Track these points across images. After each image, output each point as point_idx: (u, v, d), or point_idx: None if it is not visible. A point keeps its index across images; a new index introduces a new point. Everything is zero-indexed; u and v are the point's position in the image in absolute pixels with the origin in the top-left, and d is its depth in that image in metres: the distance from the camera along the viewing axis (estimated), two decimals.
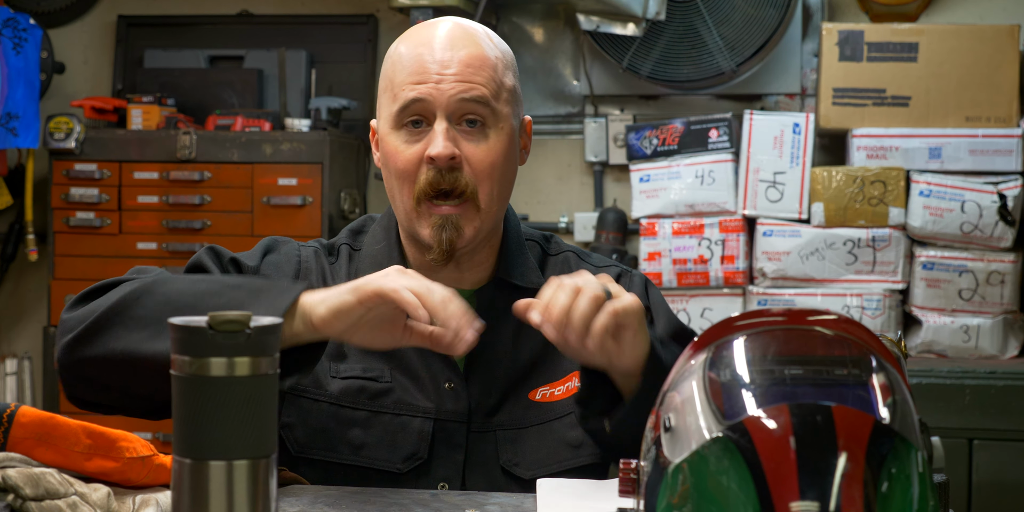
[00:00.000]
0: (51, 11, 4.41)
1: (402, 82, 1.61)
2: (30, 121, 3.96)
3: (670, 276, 3.64)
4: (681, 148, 3.72)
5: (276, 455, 1.06)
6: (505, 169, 1.65)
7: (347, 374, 1.65)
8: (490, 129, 1.62)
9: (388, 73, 1.65)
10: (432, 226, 1.61)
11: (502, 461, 1.65)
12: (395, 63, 1.64)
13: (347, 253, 1.75)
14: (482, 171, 1.61)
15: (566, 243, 1.82)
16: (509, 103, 1.65)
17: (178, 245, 3.87)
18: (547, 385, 1.68)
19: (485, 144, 1.62)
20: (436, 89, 1.59)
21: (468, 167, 1.61)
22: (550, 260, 1.78)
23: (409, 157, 1.61)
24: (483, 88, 1.60)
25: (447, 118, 1.60)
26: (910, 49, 3.58)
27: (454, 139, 1.60)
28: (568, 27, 4.14)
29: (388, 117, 1.63)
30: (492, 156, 1.62)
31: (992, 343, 3.48)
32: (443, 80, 1.59)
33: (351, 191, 3.97)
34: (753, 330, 1.04)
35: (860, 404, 0.94)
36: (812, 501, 0.87)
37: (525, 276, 1.71)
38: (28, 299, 4.45)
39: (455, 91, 1.59)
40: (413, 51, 1.62)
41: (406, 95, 1.60)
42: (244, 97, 4.14)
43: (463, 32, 1.65)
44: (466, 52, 1.62)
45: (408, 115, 1.61)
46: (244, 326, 1.02)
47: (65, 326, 1.49)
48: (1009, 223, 3.43)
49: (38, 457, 1.21)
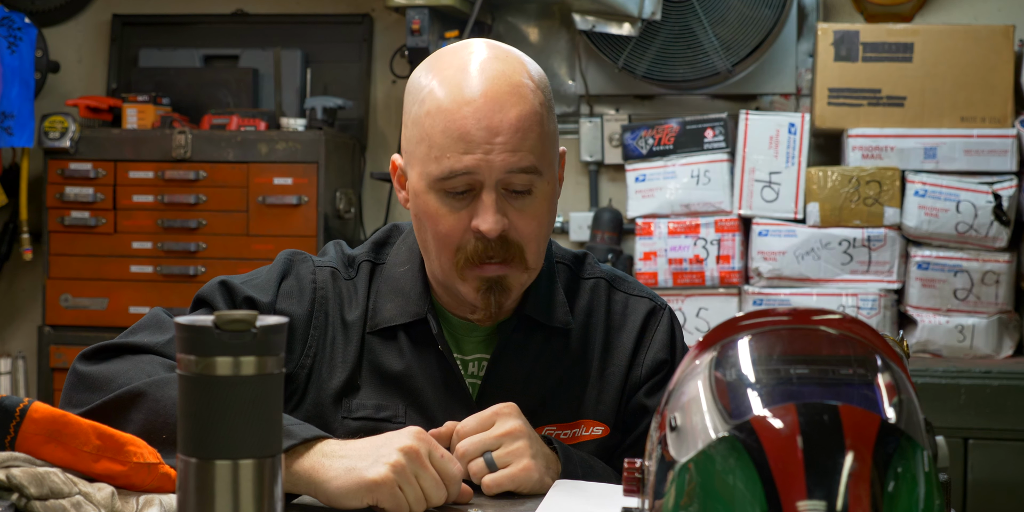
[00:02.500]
0: (46, 10, 4.41)
1: (445, 146, 1.50)
2: (25, 120, 3.95)
3: (666, 276, 3.65)
4: (677, 148, 3.72)
5: (282, 455, 1.06)
6: (549, 222, 1.58)
7: (360, 414, 1.62)
8: (536, 190, 1.54)
9: (424, 124, 1.52)
10: (478, 289, 1.55)
11: None
12: (433, 116, 1.51)
13: (368, 269, 1.68)
14: (529, 235, 1.54)
15: (601, 265, 1.75)
16: (552, 154, 1.57)
17: (173, 245, 3.87)
18: (554, 425, 1.65)
19: (532, 208, 1.54)
20: (485, 161, 1.49)
21: (515, 233, 1.53)
22: (581, 285, 1.71)
23: (453, 224, 1.52)
24: (531, 156, 1.51)
25: (495, 188, 1.51)
26: (905, 49, 3.59)
27: (503, 210, 1.52)
28: (563, 27, 4.14)
29: (426, 175, 1.53)
30: (539, 218, 1.55)
31: (987, 343, 3.49)
32: (492, 150, 1.49)
33: (346, 190, 3.97)
34: (758, 330, 1.04)
35: (866, 403, 0.95)
36: (819, 500, 0.87)
37: (552, 315, 1.66)
38: (23, 298, 4.44)
39: (505, 164, 1.49)
40: (456, 110, 1.49)
41: (452, 165, 1.49)
42: (239, 96, 4.14)
43: (508, 83, 1.51)
44: (515, 112, 1.50)
45: (453, 185, 1.51)
46: (250, 325, 1.02)
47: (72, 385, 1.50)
48: (1004, 223, 3.44)
49: (47, 454, 1.21)
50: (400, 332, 1.64)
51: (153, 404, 1.43)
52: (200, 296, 1.62)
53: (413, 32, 3.77)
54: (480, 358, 1.66)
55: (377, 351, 1.64)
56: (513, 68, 1.54)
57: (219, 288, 1.61)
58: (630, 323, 1.70)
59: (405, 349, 1.63)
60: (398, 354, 1.63)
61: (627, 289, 1.73)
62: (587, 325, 1.68)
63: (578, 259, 1.74)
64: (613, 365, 1.68)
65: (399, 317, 1.63)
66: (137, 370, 1.49)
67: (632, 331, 1.69)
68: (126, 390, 1.45)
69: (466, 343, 1.66)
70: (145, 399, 1.44)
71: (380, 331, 1.64)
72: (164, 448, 1.35)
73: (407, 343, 1.64)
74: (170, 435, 1.38)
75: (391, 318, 1.63)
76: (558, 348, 1.66)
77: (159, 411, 1.42)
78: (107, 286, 3.92)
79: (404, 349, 1.63)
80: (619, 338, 1.69)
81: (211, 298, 1.61)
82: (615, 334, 1.69)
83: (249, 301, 1.61)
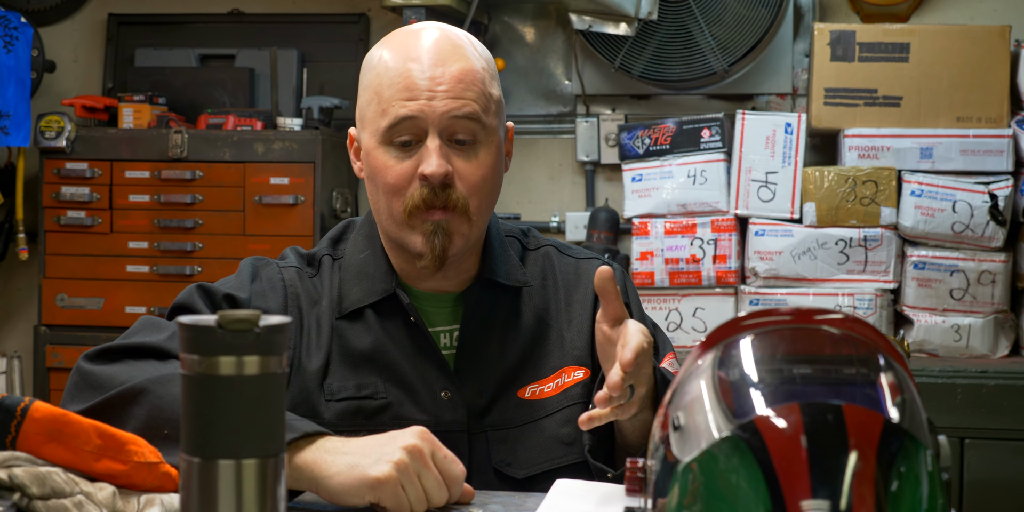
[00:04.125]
0: (42, 9, 4.40)
1: (391, 97, 1.59)
2: (21, 120, 3.95)
3: (662, 276, 3.65)
4: (673, 148, 3.73)
5: (285, 454, 1.06)
6: (494, 181, 1.66)
7: (342, 395, 1.65)
8: (480, 144, 1.62)
9: (373, 85, 1.63)
10: (424, 233, 1.61)
11: (495, 461, 1.65)
12: (381, 75, 1.62)
13: (329, 263, 1.73)
14: (473, 185, 1.61)
15: (544, 237, 1.84)
16: (497, 115, 1.66)
17: (169, 244, 3.86)
18: (536, 383, 1.69)
19: (476, 160, 1.62)
20: (428, 106, 1.58)
21: (460, 183, 1.61)
22: (530, 255, 1.79)
23: (400, 173, 1.60)
24: (474, 104, 1.60)
25: (439, 135, 1.59)
26: (901, 49, 3.59)
27: (446, 156, 1.60)
28: (560, 26, 4.14)
29: (375, 131, 1.62)
30: (483, 171, 1.63)
31: (983, 342, 3.49)
32: (435, 96, 1.58)
33: (343, 190, 3.97)
34: (761, 329, 1.05)
35: (869, 403, 0.95)
36: (824, 500, 0.87)
37: (510, 275, 1.72)
38: (18, 298, 4.43)
39: (447, 108, 1.59)
40: (402, 65, 1.60)
41: (397, 112, 1.59)
42: (235, 96, 4.13)
43: (451, 45, 1.63)
44: (457, 67, 1.60)
45: (399, 132, 1.60)
46: (253, 325, 1.02)
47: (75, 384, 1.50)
48: (1000, 223, 3.44)
49: (47, 454, 1.21)
50: (368, 311, 1.68)
51: (155, 400, 1.44)
52: (178, 303, 1.64)
53: None
54: (450, 329, 1.70)
55: (346, 334, 1.67)
56: (457, 36, 1.66)
57: (196, 291, 1.64)
58: (584, 280, 1.77)
59: (374, 327, 1.67)
60: (366, 332, 1.67)
61: (575, 254, 1.82)
62: (544, 286, 1.75)
63: (524, 232, 1.83)
64: (577, 313, 1.74)
65: (367, 298, 1.68)
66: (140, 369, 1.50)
67: (588, 285, 1.76)
68: (128, 387, 1.46)
69: (434, 316, 1.71)
70: (147, 395, 1.44)
71: (348, 315, 1.68)
72: (165, 444, 1.36)
73: (375, 321, 1.68)
74: (172, 431, 1.39)
75: (359, 300, 1.68)
76: (522, 309, 1.72)
77: (161, 407, 1.43)
78: (103, 286, 3.91)
79: (373, 327, 1.67)
80: (576, 293, 1.76)
81: (190, 302, 1.63)
82: (572, 291, 1.76)
83: (229, 298, 1.64)
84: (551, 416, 1.68)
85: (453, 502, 1.42)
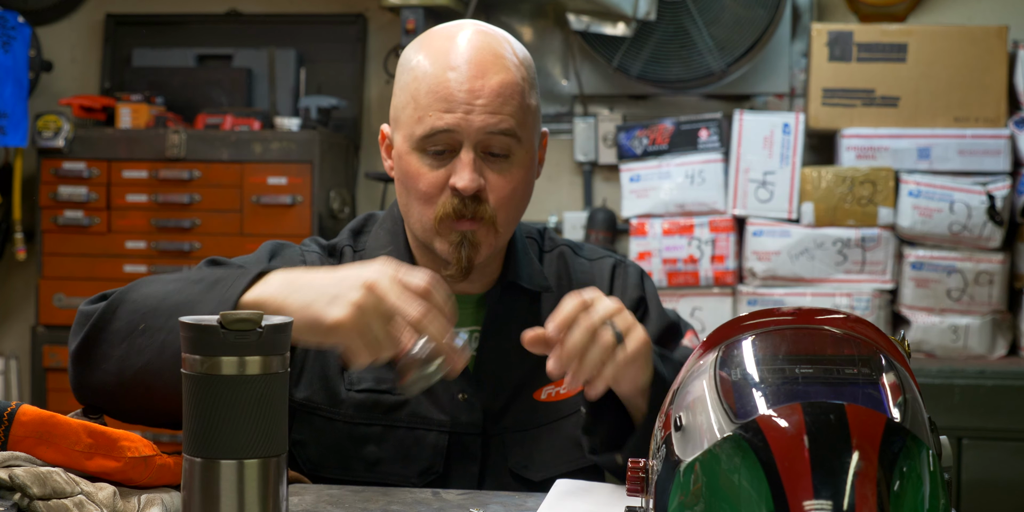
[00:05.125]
0: (39, 9, 4.40)
1: (428, 106, 1.56)
2: (18, 119, 3.95)
3: (660, 276, 3.65)
4: (671, 148, 3.73)
5: (287, 454, 1.06)
6: (525, 192, 1.64)
7: (361, 387, 1.63)
8: (514, 156, 1.60)
9: (410, 88, 1.59)
10: (451, 243, 1.59)
11: (511, 464, 1.64)
12: (419, 80, 1.58)
13: (350, 255, 1.71)
14: (504, 198, 1.59)
15: (559, 237, 1.83)
16: (533, 126, 1.62)
17: (167, 244, 3.86)
18: (552, 384, 1.67)
19: (509, 173, 1.59)
20: (465, 120, 1.55)
21: (491, 195, 1.58)
22: (546, 257, 1.78)
23: (432, 181, 1.58)
24: (511, 119, 1.57)
25: (473, 148, 1.57)
26: (899, 50, 3.60)
27: (479, 169, 1.57)
28: (557, 26, 4.14)
29: (409, 136, 1.59)
30: (514, 184, 1.60)
31: (980, 343, 3.50)
32: (472, 110, 1.55)
33: (341, 190, 3.97)
34: (762, 329, 1.05)
35: (871, 403, 0.95)
36: (826, 500, 0.87)
37: (532, 279, 1.71)
38: (16, 298, 4.43)
39: (484, 123, 1.55)
40: (440, 73, 1.56)
41: (433, 123, 1.55)
42: (233, 96, 4.13)
43: (492, 54, 1.58)
44: (496, 79, 1.56)
45: (433, 142, 1.57)
46: (256, 325, 1.02)
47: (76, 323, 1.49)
48: (997, 223, 3.45)
49: (39, 456, 1.20)
50: None
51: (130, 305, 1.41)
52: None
53: (407, 32, 3.77)
54: (471, 330, 1.69)
55: None
56: (498, 43, 1.61)
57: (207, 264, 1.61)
58: (599, 279, 1.77)
59: None
60: None
61: (588, 254, 1.81)
62: (559, 287, 1.74)
63: (540, 233, 1.81)
64: None
65: None
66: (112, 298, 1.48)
67: (603, 284, 1.76)
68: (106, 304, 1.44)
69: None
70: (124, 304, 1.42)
71: None
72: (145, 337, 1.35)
73: None
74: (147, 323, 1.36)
75: None
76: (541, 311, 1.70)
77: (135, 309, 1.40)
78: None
79: None
80: None
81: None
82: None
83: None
84: (567, 418, 1.67)
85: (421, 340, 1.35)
